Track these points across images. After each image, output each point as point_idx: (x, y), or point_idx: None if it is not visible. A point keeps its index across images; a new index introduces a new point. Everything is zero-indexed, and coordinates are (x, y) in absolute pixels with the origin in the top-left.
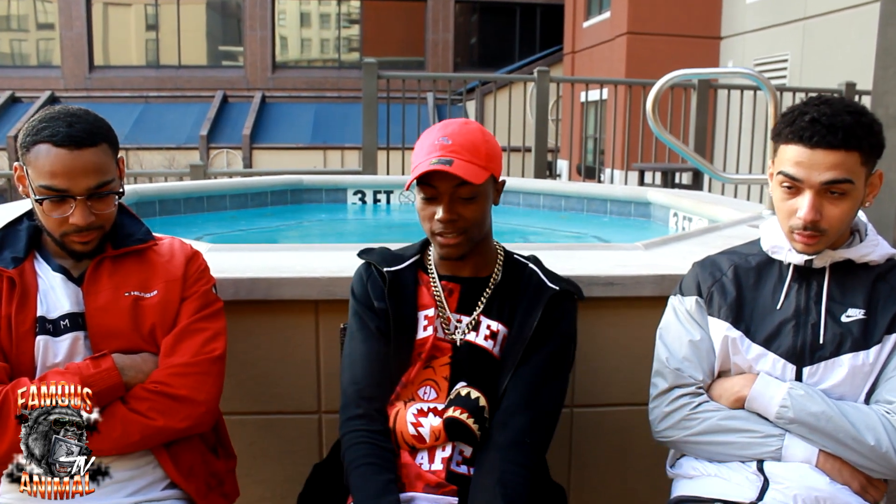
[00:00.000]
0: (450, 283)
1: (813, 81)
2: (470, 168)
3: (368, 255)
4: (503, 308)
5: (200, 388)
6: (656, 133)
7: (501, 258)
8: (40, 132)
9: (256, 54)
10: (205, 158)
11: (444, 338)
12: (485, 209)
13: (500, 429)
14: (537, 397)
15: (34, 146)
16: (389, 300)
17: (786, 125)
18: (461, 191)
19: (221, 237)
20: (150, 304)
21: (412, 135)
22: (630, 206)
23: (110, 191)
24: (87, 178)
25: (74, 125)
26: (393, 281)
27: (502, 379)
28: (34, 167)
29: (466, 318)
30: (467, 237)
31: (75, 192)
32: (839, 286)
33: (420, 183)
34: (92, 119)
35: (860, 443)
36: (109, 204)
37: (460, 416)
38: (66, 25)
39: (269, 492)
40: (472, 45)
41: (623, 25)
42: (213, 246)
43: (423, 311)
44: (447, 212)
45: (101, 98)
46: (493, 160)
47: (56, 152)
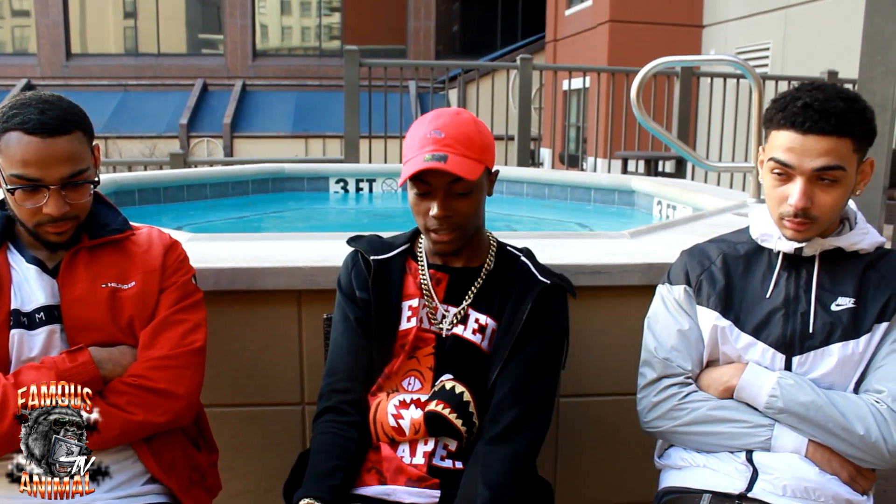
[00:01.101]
0: (438, 273)
1: (795, 70)
2: (465, 163)
3: (357, 242)
4: (492, 301)
5: (180, 382)
6: (640, 121)
7: (494, 249)
8: (10, 119)
9: (237, 42)
10: (185, 147)
11: (428, 328)
12: (479, 202)
13: (491, 424)
14: (527, 392)
15: (4, 134)
16: (373, 289)
17: (777, 111)
18: (456, 186)
19: (202, 227)
20: (128, 295)
21: (394, 123)
22: (614, 195)
23: (85, 180)
24: (61, 166)
25: (46, 112)
26: (379, 270)
27: (491, 373)
28: (5, 156)
29: (454, 308)
30: (462, 232)
31: (48, 181)
32: (829, 275)
33: (413, 178)
34: (65, 106)
35: (849, 432)
36: (84, 193)
37: (441, 411)
38: (42, 12)
39: (252, 485)
40: (453, 32)
41: (605, 13)
42: (193, 235)
43: (407, 300)
44: (441, 208)
45: (79, 86)
46: (487, 152)
47: (28, 140)
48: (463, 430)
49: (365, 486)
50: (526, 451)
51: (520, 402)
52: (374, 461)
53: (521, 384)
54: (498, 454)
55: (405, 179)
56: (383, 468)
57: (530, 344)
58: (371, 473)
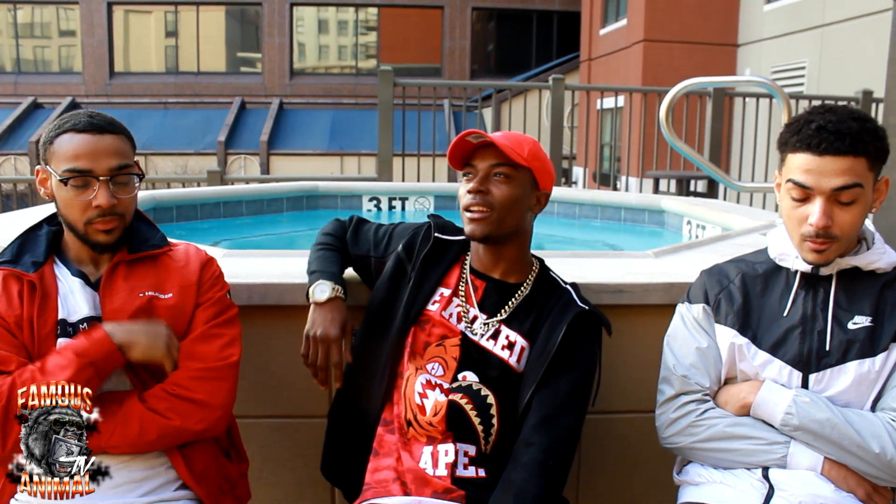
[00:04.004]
0: (477, 279)
1: (830, 89)
2: (507, 146)
3: (435, 218)
4: (526, 320)
5: (217, 393)
6: (669, 141)
7: (535, 272)
8: (62, 125)
9: (274, 61)
10: (222, 164)
11: (457, 325)
12: (517, 197)
13: (525, 447)
14: (562, 418)
15: (57, 138)
16: (421, 263)
17: (792, 134)
18: (497, 170)
19: (237, 243)
20: (166, 305)
21: (427, 142)
22: (644, 214)
23: (131, 174)
24: (110, 158)
25: (94, 116)
26: (435, 247)
27: (524, 392)
28: (57, 157)
29: (484, 315)
30: (495, 216)
31: (98, 172)
32: (846, 293)
33: (460, 161)
34: (109, 117)
35: (865, 450)
36: (130, 190)
37: (464, 406)
38: (88, 32)
39: (280, 494)
40: (488, 51)
41: (640, 33)
42: (227, 252)
43: (442, 287)
44: (478, 184)
45: (121, 104)
46: (537, 160)
47: (80, 137)
48: (480, 429)
49: (390, 496)
50: (560, 479)
51: (555, 427)
52: (399, 472)
53: (556, 410)
54: (534, 483)
55: (451, 149)
56: (408, 480)
57: (565, 374)
58: (396, 484)
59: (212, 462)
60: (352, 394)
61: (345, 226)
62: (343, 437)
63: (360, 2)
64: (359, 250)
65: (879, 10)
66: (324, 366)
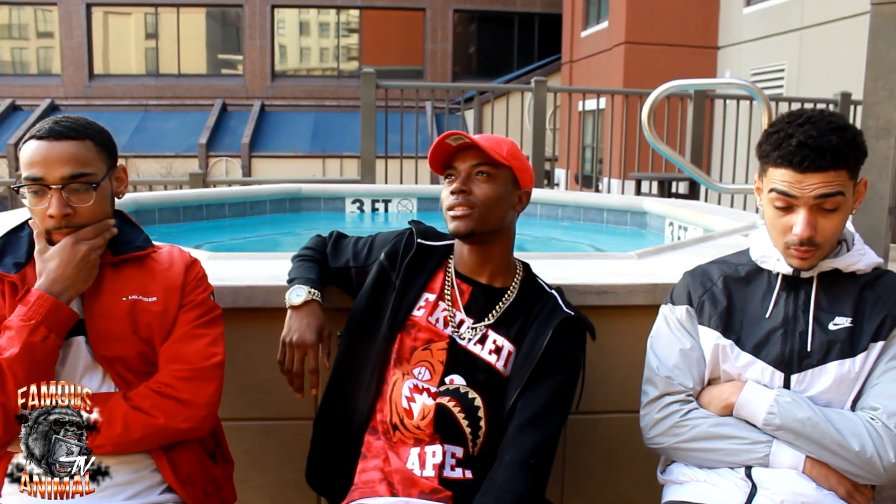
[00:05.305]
0: (463, 283)
1: (809, 91)
2: (487, 146)
3: (416, 224)
4: (512, 325)
5: (202, 393)
6: (651, 143)
7: (520, 276)
8: (30, 132)
9: (256, 63)
10: (204, 167)
11: (443, 329)
12: (499, 195)
13: (508, 447)
14: (545, 421)
15: (24, 145)
16: (405, 269)
17: (773, 148)
18: (478, 169)
19: (220, 246)
20: (150, 308)
21: (410, 144)
22: (626, 216)
23: (88, 183)
24: (62, 166)
25: (60, 122)
26: (419, 253)
27: (509, 395)
28: (21, 163)
29: (471, 320)
30: (477, 214)
31: (49, 180)
32: (827, 295)
33: (441, 164)
34: (83, 121)
35: (845, 448)
36: (87, 199)
37: (452, 408)
38: (67, 34)
39: (266, 497)
40: (470, 54)
41: (621, 35)
42: (211, 254)
43: (427, 293)
44: (461, 183)
45: (101, 106)
46: (517, 159)
47: (36, 144)
48: (468, 431)
49: (377, 496)
50: (542, 479)
51: (539, 429)
52: (386, 473)
53: (540, 411)
54: (517, 483)
55: (431, 157)
56: (395, 480)
57: (550, 378)
58: (383, 484)
59: (197, 465)
60: (338, 402)
61: (325, 241)
62: (329, 445)
63: (342, 4)
64: (338, 262)
65: (857, 13)
66: (300, 372)
